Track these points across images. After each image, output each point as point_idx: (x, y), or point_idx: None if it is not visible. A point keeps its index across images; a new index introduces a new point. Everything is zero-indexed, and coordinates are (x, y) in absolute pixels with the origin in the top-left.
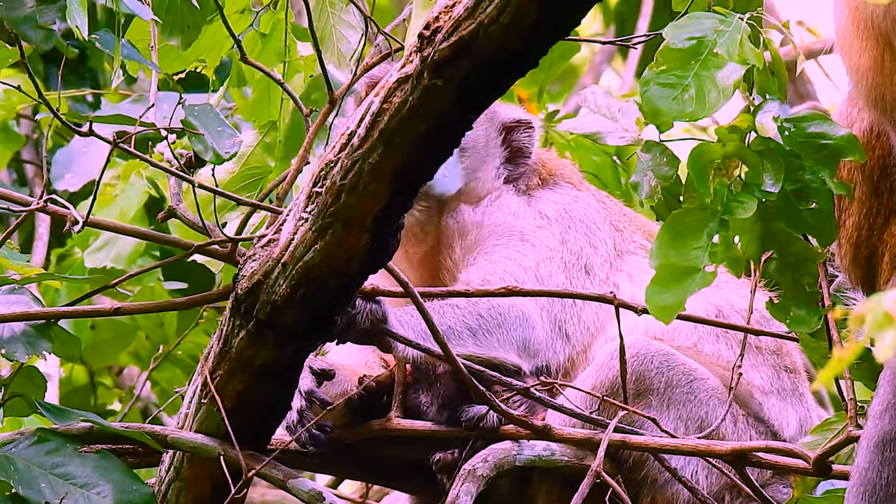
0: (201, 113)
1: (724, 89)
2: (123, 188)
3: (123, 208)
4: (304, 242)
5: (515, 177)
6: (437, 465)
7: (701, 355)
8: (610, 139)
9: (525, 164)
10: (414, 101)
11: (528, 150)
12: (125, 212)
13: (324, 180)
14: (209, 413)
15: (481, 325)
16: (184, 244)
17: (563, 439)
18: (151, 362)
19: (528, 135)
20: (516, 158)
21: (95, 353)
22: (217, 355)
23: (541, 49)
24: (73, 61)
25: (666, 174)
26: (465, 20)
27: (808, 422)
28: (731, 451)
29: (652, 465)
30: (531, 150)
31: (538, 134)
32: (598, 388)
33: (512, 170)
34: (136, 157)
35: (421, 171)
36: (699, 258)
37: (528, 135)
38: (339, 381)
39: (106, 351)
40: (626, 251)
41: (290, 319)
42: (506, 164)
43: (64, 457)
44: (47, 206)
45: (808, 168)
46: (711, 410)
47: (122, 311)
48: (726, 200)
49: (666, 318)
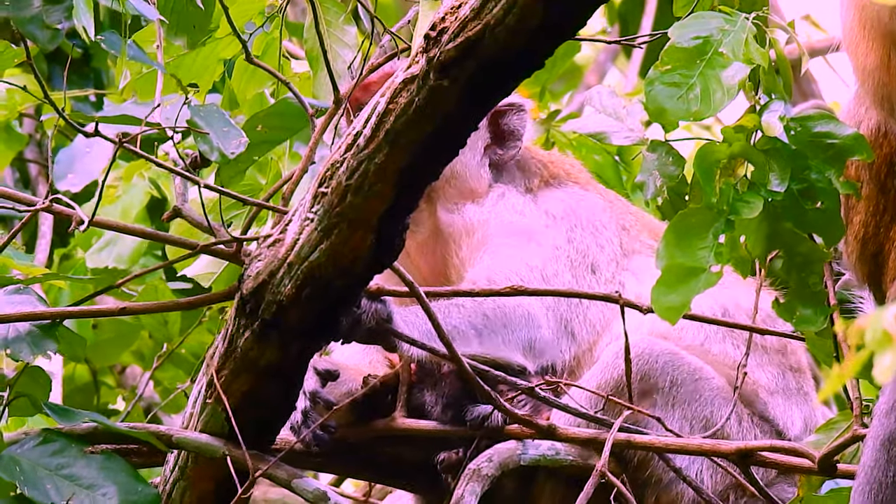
0: (206, 113)
1: (728, 89)
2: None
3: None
4: (310, 242)
5: (506, 160)
6: (441, 465)
7: (708, 354)
8: (615, 139)
9: (516, 147)
10: (420, 102)
11: (520, 132)
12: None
13: (329, 180)
14: (214, 413)
15: (486, 324)
16: (189, 244)
17: (568, 439)
18: (154, 361)
19: (519, 117)
20: (507, 141)
21: (98, 353)
22: (222, 355)
23: (546, 50)
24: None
25: (672, 174)
26: (471, 21)
27: (812, 421)
28: (737, 451)
29: (657, 465)
30: (523, 132)
31: (529, 116)
32: (603, 387)
33: (502, 153)
34: (141, 156)
35: (426, 171)
36: (705, 258)
37: (520, 117)
38: (344, 380)
39: (109, 350)
40: (633, 250)
41: (295, 319)
42: (494, 146)
43: (69, 457)
44: (52, 206)
45: (814, 167)
46: (716, 410)
47: (128, 310)
48: (732, 200)
49: (671, 318)
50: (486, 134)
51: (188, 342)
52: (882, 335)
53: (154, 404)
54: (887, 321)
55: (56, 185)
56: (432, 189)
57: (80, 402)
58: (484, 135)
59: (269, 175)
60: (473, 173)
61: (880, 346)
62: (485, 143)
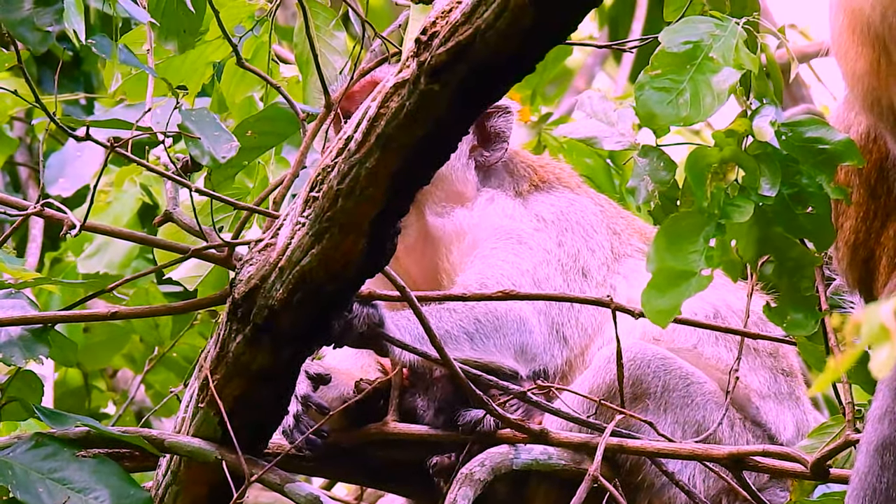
0: (198, 117)
1: (719, 94)
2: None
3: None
4: (301, 247)
5: (492, 162)
6: (433, 469)
7: (701, 358)
8: (606, 144)
9: (502, 149)
10: (411, 106)
11: (506, 134)
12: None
13: (321, 185)
14: (206, 417)
15: (478, 329)
16: (180, 248)
17: (561, 443)
18: (146, 364)
19: (505, 119)
20: (493, 143)
21: (89, 356)
22: (214, 359)
23: (538, 54)
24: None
25: (663, 179)
26: (461, 25)
27: (804, 425)
28: (729, 455)
29: (649, 469)
30: (509, 134)
31: (515, 118)
32: (595, 391)
33: (488, 155)
34: (132, 161)
35: (418, 175)
36: (696, 262)
37: (506, 119)
38: (336, 384)
39: (100, 354)
40: (624, 254)
41: (287, 324)
42: (480, 149)
43: (61, 461)
44: (44, 211)
45: (805, 172)
46: (708, 414)
47: (119, 315)
48: (723, 204)
49: (662, 321)
50: (471, 136)
51: (179, 345)
52: (879, 329)
53: (146, 408)
54: (884, 315)
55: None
56: (419, 192)
57: (71, 405)
58: (469, 137)
59: (256, 179)
60: (459, 176)
61: (877, 339)
62: (470, 145)
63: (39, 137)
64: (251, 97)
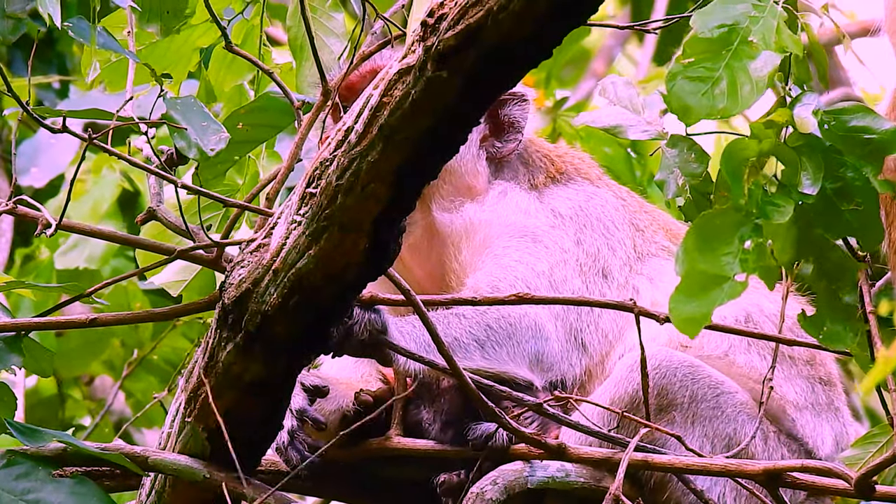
0: (184, 106)
1: (758, 81)
2: (95, 182)
3: (96, 203)
4: (297, 248)
5: (505, 153)
6: (441, 488)
7: (733, 366)
8: (632, 133)
9: (516, 140)
10: (416, 95)
11: (521, 124)
12: (97, 207)
13: (318, 180)
14: (194, 432)
15: (490, 336)
16: (166, 249)
17: (579, 459)
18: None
19: (520, 108)
20: (506, 133)
21: (64, 363)
22: (202, 370)
23: (555, 38)
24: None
25: (694, 171)
26: (472, 6)
27: (844, 438)
28: (764, 471)
29: (676, 487)
30: (524, 123)
31: (531, 107)
32: (617, 402)
33: (500, 146)
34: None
35: (424, 169)
36: (729, 265)
37: (521, 108)
38: (334, 396)
39: (76, 360)
40: (648, 253)
41: (281, 331)
42: (492, 139)
43: (36, 481)
44: (17, 209)
45: (850, 165)
46: (740, 427)
47: (98, 322)
48: (761, 203)
49: (691, 330)
50: (482, 125)
51: (161, 348)
52: None
53: (125, 419)
54: None
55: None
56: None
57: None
58: (480, 126)
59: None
60: (469, 168)
61: None
62: (481, 134)
63: (11, 125)
64: (241, 85)
